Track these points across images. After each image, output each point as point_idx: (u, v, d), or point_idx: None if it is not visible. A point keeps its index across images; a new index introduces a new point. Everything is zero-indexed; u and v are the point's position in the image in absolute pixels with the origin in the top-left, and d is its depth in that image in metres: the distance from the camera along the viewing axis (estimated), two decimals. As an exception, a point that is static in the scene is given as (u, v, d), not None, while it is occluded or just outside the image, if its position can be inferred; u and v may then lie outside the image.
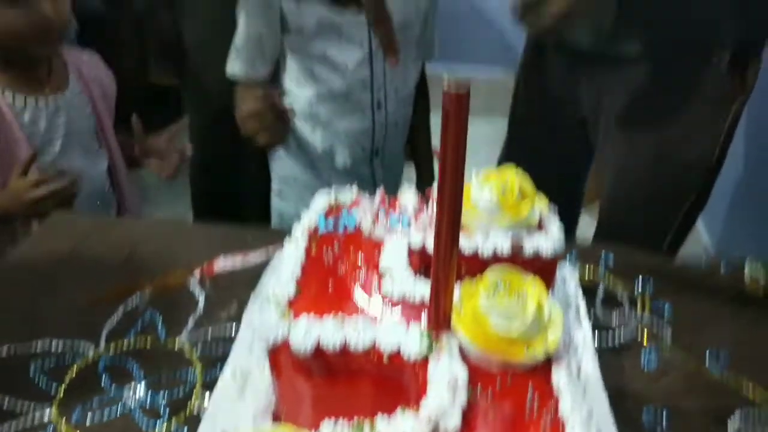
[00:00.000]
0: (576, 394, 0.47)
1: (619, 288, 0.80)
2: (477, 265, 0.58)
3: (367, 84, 1.20)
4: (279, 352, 0.50)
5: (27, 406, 0.62)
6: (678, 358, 0.70)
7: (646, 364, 0.70)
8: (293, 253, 0.59)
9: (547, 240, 0.63)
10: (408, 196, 0.72)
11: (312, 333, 0.49)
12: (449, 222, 0.46)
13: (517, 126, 1.37)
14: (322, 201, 0.71)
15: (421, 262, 0.60)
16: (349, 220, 0.67)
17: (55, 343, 0.69)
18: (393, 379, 0.48)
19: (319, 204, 0.71)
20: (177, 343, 0.70)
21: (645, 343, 0.73)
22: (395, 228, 0.66)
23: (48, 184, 1.00)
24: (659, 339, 0.73)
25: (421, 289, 0.55)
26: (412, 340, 0.48)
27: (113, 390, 0.64)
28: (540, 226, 0.66)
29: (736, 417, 0.63)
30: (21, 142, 1.05)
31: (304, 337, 0.49)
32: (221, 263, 0.83)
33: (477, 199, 0.65)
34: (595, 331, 0.72)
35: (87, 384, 0.64)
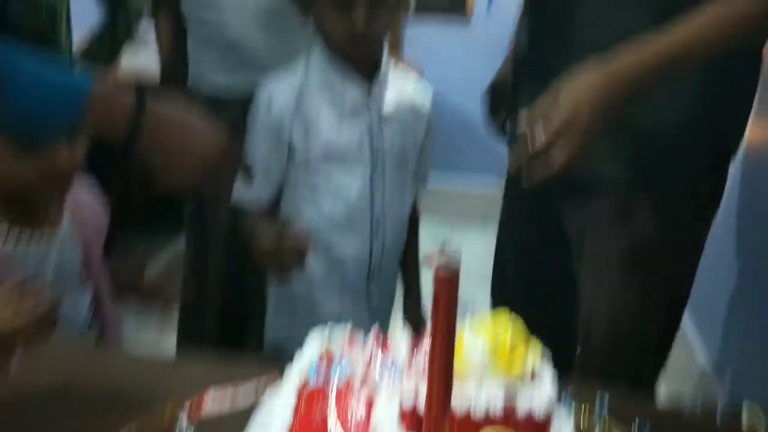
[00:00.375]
0: None
1: (615, 433, 0.79)
2: (469, 427, 0.57)
3: (367, 210, 1.23)
4: None
5: None
6: None
7: None
8: (281, 412, 0.58)
9: (541, 395, 0.62)
10: (400, 337, 0.72)
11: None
12: (439, 399, 0.46)
13: (505, 242, 1.40)
14: (315, 344, 0.71)
15: (412, 423, 0.59)
16: (341, 370, 0.66)
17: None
18: None
19: (312, 347, 0.70)
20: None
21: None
22: (388, 373, 0.65)
23: (28, 310, 0.96)
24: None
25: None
26: None
27: None
28: (533, 376, 0.65)
29: None
30: (9, 278, 1.01)
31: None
32: (210, 402, 0.81)
33: (470, 348, 0.65)
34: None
35: None
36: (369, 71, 1.20)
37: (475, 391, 0.62)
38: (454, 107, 2.92)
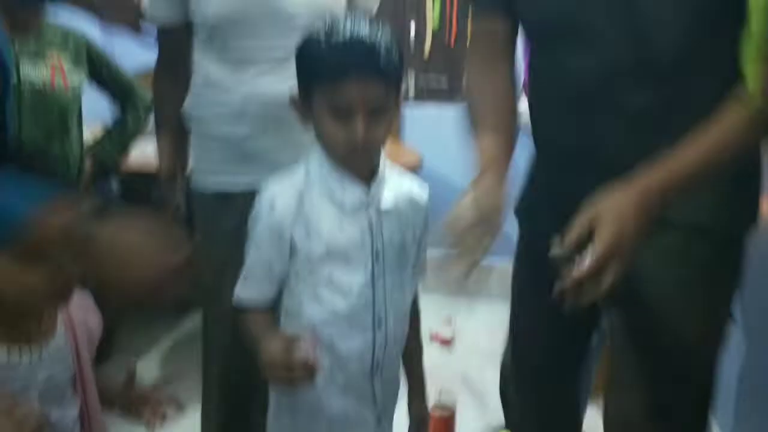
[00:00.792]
0: None
1: None
2: None
3: (369, 305, 1.22)
4: None
5: None
6: None
7: None
8: None
9: None
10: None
11: None
12: None
13: (517, 317, 1.41)
14: None
15: None
16: None
17: None
18: None
19: None
20: None
21: None
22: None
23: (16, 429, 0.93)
24: None
25: None
26: None
27: None
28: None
29: None
30: None
31: None
32: None
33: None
34: None
35: None
36: (367, 174, 1.23)
37: None
38: (454, 188, 2.95)
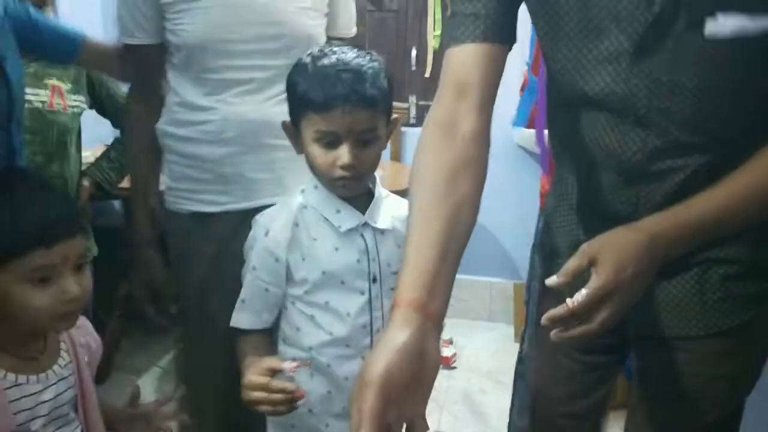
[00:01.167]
0: None
1: None
2: None
3: (367, 328, 1.22)
4: None
5: None
6: None
7: None
8: None
9: None
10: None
11: None
12: None
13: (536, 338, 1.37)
14: None
15: None
16: None
17: None
18: None
19: None
20: None
21: None
22: None
23: None
24: None
25: None
26: None
27: None
28: None
29: None
30: (4, 419, 1.02)
31: None
32: None
33: None
34: None
35: None
36: (362, 197, 1.23)
37: None
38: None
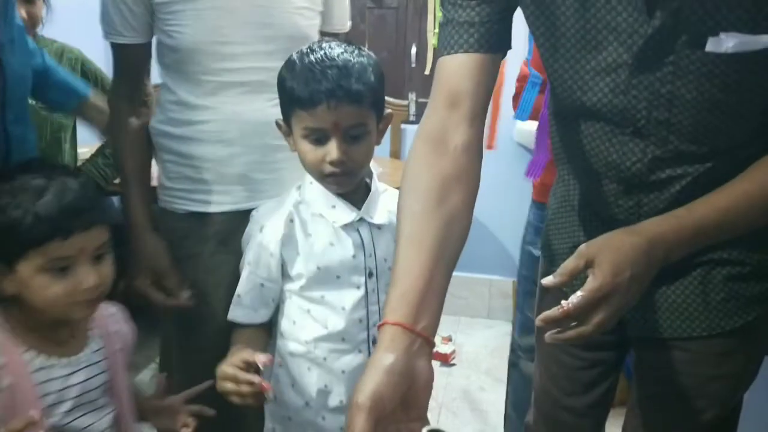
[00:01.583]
0: None
1: None
2: None
3: (364, 323, 1.23)
4: None
5: None
6: None
7: None
8: None
9: None
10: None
11: None
12: None
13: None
14: None
15: None
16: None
17: None
18: None
19: None
20: None
21: None
22: None
23: None
24: None
25: None
26: None
27: None
28: None
29: None
30: (32, 402, 1.05)
31: None
32: None
33: None
34: None
35: None
36: (357, 193, 1.25)
37: None
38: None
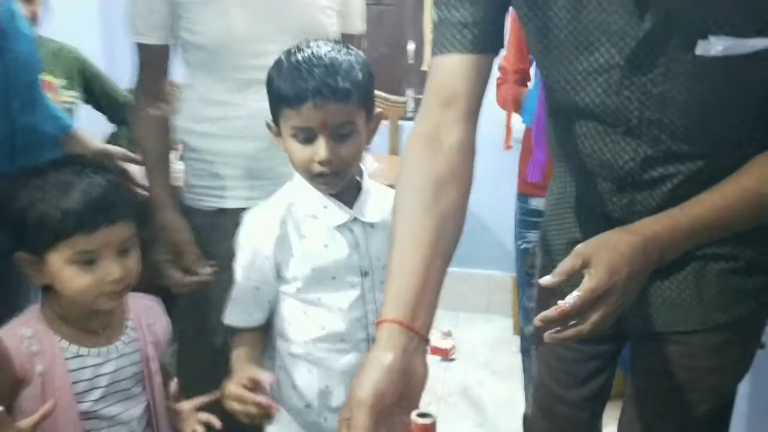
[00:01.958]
0: None
1: None
2: None
3: (362, 322, 1.23)
4: None
5: None
6: None
7: None
8: None
9: None
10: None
11: None
12: None
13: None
14: None
15: None
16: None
17: None
18: None
19: None
20: None
21: None
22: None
23: None
24: None
25: None
26: None
27: None
28: None
29: None
30: (64, 388, 1.10)
31: None
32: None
33: None
34: None
35: None
36: (349, 192, 1.23)
37: None
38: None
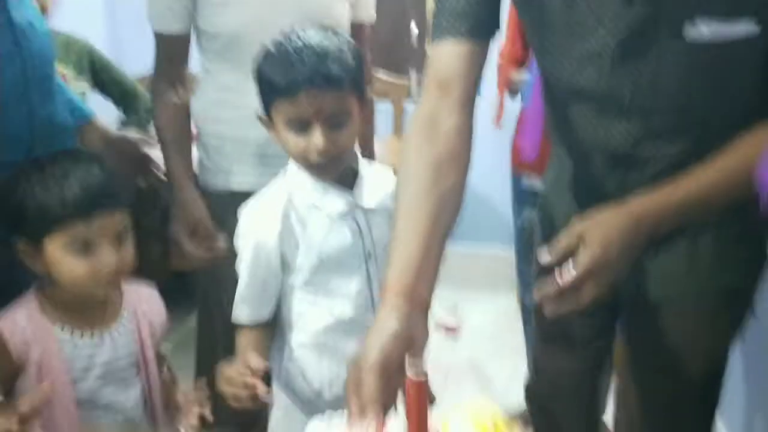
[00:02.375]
0: None
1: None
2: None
3: (369, 306, 1.24)
4: None
5: None
6: None
7: None
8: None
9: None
10: (395, 422, 0.78)
11: None
12: None
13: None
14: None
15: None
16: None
17: None
18: None
19: None
20: None
21: None
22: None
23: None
24: None
25: None
26: None
27: None
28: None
29: None
30: (60, 374, 1.12)
31: None
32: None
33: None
34: None
35: None
36: (347, 178, 1.23)
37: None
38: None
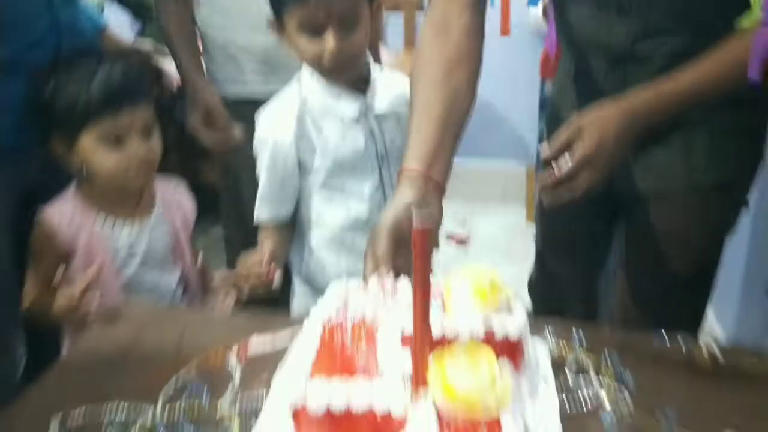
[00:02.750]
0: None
1: (587, 360, 0.94)
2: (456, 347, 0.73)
3: (382, 207, 1.27)
4: (299, 411, 0.66)
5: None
6: (635, 419, 0.83)
7: (608, 427, 0.83)
8: (309, 344, 0.76)
9: (514, 322, 0.77)
10: (406, 284, 0.88)
11: (324, 397, 0.65)
12: (421, 318, 0.64)
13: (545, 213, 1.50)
14: (335, 293, 0.86)
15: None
16: (356, 309, 0.82)
17: (121, 406, 0.85)
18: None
19: (332, 296, 0.85)
20: (218, 407, 0.85)
21: (607, 407, 0.86)
22: (394, 310, 0.80)
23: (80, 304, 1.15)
24: (620, 403, 0.86)
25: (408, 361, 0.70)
26: (398, 399, 0.64)
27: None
28: (508, 310, 0.80)
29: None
30: (105, 257, 1.26)
31: (318, 400, 0.64)
32: (254, 345, 0.98)
33: (457, 290, 0.81)
34: (564, 397, 0.86)
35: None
36: (359, 82, 1.27)
37: (461, 321, 0.77)
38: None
